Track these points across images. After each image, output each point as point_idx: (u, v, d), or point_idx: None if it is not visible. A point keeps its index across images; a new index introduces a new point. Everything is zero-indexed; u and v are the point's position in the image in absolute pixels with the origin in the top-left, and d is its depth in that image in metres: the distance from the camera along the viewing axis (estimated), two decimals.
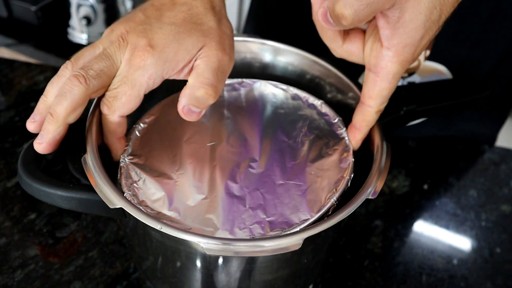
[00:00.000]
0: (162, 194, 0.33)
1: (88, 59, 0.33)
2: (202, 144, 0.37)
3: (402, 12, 0.29)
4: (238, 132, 0.39)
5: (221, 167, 0.35)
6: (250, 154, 0.37)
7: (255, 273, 0.31)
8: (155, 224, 0.27)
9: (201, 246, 0.26)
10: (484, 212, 0.53)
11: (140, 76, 0.32)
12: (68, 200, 0.30)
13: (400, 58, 0.31)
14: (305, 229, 0.27)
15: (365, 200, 0.30)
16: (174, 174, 0.35)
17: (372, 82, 0.33)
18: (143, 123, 0.39)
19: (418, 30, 0.30)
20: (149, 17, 0.34)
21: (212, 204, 0.32)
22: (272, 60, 0.46)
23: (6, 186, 0.51)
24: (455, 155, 0.60)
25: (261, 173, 0.35)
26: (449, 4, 0.30)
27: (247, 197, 0.33)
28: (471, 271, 0.47)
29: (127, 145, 0.36)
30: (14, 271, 0.43)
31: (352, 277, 0.45)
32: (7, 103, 0.62)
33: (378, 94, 0.34)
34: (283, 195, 0.33)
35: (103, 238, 0.46)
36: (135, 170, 0.35)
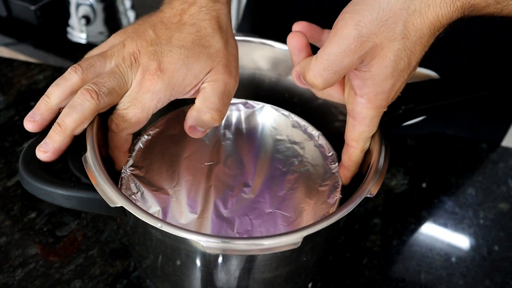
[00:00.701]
0: (157, 209, 0.35)
1: (98, 71, 0.34)
2: (200, 162, 0.39)
3: (368, 67, 0.31)
4: (236, 154, 0.41)
5: (216, 189, 0.37)
6: (244, 179, 0.38)
7: (255, 271, 0.31)
8: (155, 223, 0.27)
9: (201, 245, 0.26)
10: (482, 210, 0.53)
11: (150, 99, 0.33)
12: (68, 199, 0.31)
13: (373, 104, 0.33)
14: (305, 227, 0.27)
15: (364, 198, 0.30)
16: (171, 190, 0.37)
17: (351, 126, 0.35)
18: (147, 135, 0.40)
19: (387, 80, 0.31)
20: (160, 37, 0.35)
21: (202, 225, 0.34)
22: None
23: (6, 185, 0.51)
24: (453, 153, 0.60)
25: (252, 199, 0.37)
26: (417, 52, 0.31)
27: (236, 221, 0.35)
28: (469, 269, 0.47)
29: (129, 156, 0.38)
30: (15, 270, 0.43)
31: (351, 275, 0.46)
32: (7, 102, 0.62)
33: (359, 137, 0.35)
34: (270, 223, 0.35)
35: (103, 237, 0.47)
36: (135, 182, 0.36)
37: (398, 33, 0.29)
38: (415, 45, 0.30)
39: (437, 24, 0.29)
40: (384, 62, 0.30)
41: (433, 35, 0.30)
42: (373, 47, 0.29)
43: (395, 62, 0.30)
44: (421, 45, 0.30)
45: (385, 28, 0.29)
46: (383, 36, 0.29)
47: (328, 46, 0.30)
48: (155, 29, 0.35)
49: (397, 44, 0.29)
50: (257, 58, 0.47)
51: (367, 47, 0.29)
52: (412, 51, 0.30)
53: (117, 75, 0.33)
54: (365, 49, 0.29)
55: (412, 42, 0.30)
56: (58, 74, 0.67)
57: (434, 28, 0.30)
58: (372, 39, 0.29)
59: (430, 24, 0.29)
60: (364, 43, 0.29)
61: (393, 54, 0.30)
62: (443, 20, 0.29)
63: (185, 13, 0.36)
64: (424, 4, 0.29)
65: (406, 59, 0.30)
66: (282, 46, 0.45)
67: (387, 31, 0.29)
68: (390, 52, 0.29)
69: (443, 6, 0.29)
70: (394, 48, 0.29)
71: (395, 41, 0.29)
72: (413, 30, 0.29)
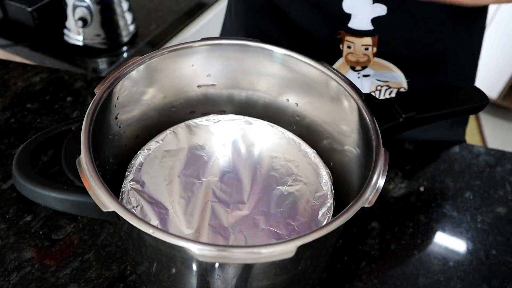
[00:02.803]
0: (156, 223, 0.36)
1: None
2: (198, 178, 0.40)
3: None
4: (232, 171, 0.42)
5: (212, 205, 0.38)
6: (240, 195, 0.39)
7: (252, 279, 0.31)
8: (147, 229, 0.27)
9: (194, 252, 0.26)
10: (480, 214, 0.53)
11: None
12: (61, 202, 0.30)
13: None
14: (299, 237, 0.27)
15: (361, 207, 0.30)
16: (169, 205, 0.38)
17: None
18: (147, 149, 0.42)
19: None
20: None
21: (198, 240, 0.35)
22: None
23: (1, 188, 0.51)
24: (451, 157, 0.60)
25: (247, 216, 0.38)
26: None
27: (231, 237, 0.36)
28: (467, 273, 0.47)
29: (130, 170, 0.40)
30: (10, 274, 0.43)
31: (349, 279, 0.45)
32: (3, 104, 0.62)
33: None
34: (263, 240, 0.36)
35: (99, 240, 0.46)
36: (135, 196, 0.37)
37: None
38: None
39: None
40: None
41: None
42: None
43: None
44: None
45: None
46: None
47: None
48: None
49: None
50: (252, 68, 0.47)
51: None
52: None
53: None
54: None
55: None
56: (55, 76, 0.67)
57: None
58: None
59: None
60: None
61: None
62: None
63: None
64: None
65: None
66: (282, 50, 0.44)
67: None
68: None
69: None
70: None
71: None
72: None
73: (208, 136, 0.45)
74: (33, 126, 0.59)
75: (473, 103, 0.44)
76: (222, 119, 0.46)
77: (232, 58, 0.46)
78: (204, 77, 0.47)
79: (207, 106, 0.50)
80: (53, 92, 0.65)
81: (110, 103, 0.39)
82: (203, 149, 0.43)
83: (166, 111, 0.47)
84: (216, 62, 0.47)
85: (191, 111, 0.49)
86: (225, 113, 0.50)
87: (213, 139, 0.44)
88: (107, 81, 0.38)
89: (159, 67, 0.43)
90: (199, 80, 0.47)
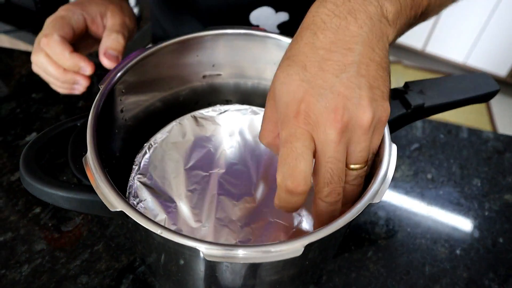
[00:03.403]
0: (163, 217, 0.36)
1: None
2: (205, 170, 0.40)
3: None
4: (239, 162, 0.41)
5: (220, 197, 0.38)
6: (247, 188, 0.39)
7: (261, 273, 0.31)
8: (155, 229, 0.27)
9: (201, 252, 0.26)
10: (488, 202, 0.53)
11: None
12: (69, 201, 0.30)
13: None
14: (306, 235, 0.27)
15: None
16: (176, 198, 0.37)
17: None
18: (154, 142, 0.41)
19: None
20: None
21: (206, 233, 0.35)
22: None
23: (10, 180, 0.51)
24: (458, 143, 0.60)
25: (254, 208, 0.37)
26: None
27: (238, 230, 0.36)
28: (473, 261, 0.47)
29: (137, 163, 0.39)
30: (22, 266, 0.43)
31: (355, 268, 0.46)
32: (8, 93, 0.62)
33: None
34: (271, 232, 0.36)
35: (108, 232, 0.47)
36: (142, 189, 0.37)
37: None
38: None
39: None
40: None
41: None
42: None
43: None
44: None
45: None
46: None
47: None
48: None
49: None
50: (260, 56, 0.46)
51: None
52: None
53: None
54: None
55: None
56: None
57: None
58: None
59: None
60: None
61: None
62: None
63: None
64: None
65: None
66: (288, 39, 0.43)
67: None
68: None
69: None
70: None
71: None
72: None
73: (214, 127, 0.44)
74: (39, 116, 0.59)
75: (483, 91, 0.43)
76: (228, 109, 0.46)
77: (238, 47, 0.46)
78: (209, 67, 0.47)
79: (213, 96, 0.49)
80: None
81: (115, 97, 0.38)
82: (209, 140, 0.43)
83: (172, 102, 0.47)
84: (221, 52, 0.46)
85: (196, 101, 0.49)
86: (231, 102, 0.50)
87: (219, 130, 0.44)
88: (111, 75, 0.38)
89: (164, 59, 0.43)
90: (204, 70, 0.47)
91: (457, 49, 2.00)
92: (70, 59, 0.45)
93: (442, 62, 2.10)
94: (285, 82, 0.29)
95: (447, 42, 1.99)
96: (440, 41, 2.00)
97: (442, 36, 1.98)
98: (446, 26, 1.93)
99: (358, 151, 0.29)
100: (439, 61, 2.10)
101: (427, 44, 2.04)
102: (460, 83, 0.42)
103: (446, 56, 2.05)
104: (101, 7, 0.49)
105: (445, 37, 1.97)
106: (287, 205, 0.30)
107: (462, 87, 0.42)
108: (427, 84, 0.40)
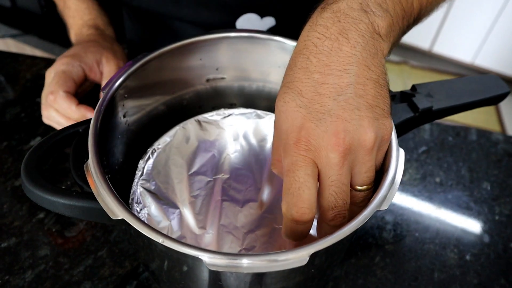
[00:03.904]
0: (167, 223, 0.35)
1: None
2: (209, 175, 0.40)
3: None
4: (244, 167, 0.41)
5: (224, 204, 0.37)
6: (252, 193, 0.38)
7: (266, 281, 0.31)
8: (157, 238, 0.26)
9: (204, 261, 0.26)
10: (498, 206, 0.52)
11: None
12: (70, 208, 0.30)
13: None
14: (313, 244, 0.26)
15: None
16: (180, 204, 0.37)
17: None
18: (157, 147, 0.41)
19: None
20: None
21: (210, 240, 0.35)
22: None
23: (14, 185, 0.51)
24: (467, 145, 0.58)
25: (259, 215, 0.37)
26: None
27: (243, 237, 0.35)
28: (484, 267, 0.46)
29: (140, 168, 0.39)
30: (25, 272, 0.43)
31: (363, 274, 0.45)
32: (13, 98, 0.62)
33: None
34: (276, 239, 0.35)
35: (112, 237, 0.46)
36: (145, 195, 0.37)
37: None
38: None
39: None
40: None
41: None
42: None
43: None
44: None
45: None
46: None
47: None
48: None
49: None
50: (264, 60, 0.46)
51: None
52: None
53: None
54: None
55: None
56: None
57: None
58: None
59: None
60: None
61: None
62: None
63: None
64: None
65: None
66: (293, 42, 0.43)
67: None
68: None
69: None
70: None
71: None
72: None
73: (218, 132, 0.44)
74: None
75: (493, 93, 0.42)
76: (232, 113, 0.45)
77: (241, 50, 0.45)
78: (213, 71, 0.46)
79: (217, 99, 0.49)
80: None
81: (117, 102, 0.38)
82: (213, 145, 0.43)
83: (176, 105, 0.46)
84: (225, 55, 0.45)
85: (200, 104, 0.48)
86: (235, 106, 0.49)
87: (223, 135, 0.44)
88: (113, 80, 0.37)
89: (167, 63, 0.42)
90: (208, 73, 0.46)
91: (464, 49, 1.98)
92: (77, 112, 0.47)
93: (450, 62, 2.08)
94: (282, 110, 0.29)
95: (454, 42, 1.97)
96: (447, 41, 1.98)
97: (449, 36, 1.96)
98: (453, 25, 1.91)
99: (364, 172, 0.29)
100: (447, 61, 2.08)
101: (434, 44, 2.02)
102: (469, 86, 0.41)
103: (454, 56, 2.03)
104: (96, 55, 0.51)
105: (452, 37, 1.95)
106: (294, 235, 0.30)
107: (471, 89, 0.41)
108: (435, 87, 0.40)
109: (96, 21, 0.57)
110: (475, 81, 0.42)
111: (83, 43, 0.53)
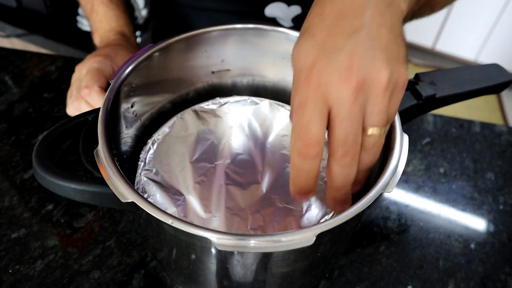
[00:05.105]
0: (174, 210, 0.36)
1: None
2: (211, 162, 0.40)
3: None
4: (244, 152, 0.41)
5: (227, 188, 0.38)
6: (254, 176, 0.39)
7: (272, 265, 0.31)
8: (166, 219, 0.27)
9: (213, 242, 0.26)
10: (502, 195, 0.52)
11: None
12: (81, 193, 0.31)
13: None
14: (319, 224, 0.27)
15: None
16: (185, 191, 0.37)
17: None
18: (157, 138, 0.41)
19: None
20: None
21: (217, 223, 0.35)
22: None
23: (23, 177, 0.52)
24: (471, 137, 0.59)
25: (263, 195, 0.37)
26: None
27: (249, 218, 0.36)
28: (489, 255, 0.46)
29: (142, 159, 0.39)
30: (35, 261, 0.44)
31: (368, 263, 0.45)
32: (20, 94, 0.63)
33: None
34: (281, 218, 0.36)
35: (119, 228, 0.47)
36: (150, 185, 0.37)
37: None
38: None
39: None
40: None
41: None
42: None
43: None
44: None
45: None
46: None
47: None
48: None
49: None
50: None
51: None
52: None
53: None
54: None
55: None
56: (70, 64, 0.67)
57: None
58: None
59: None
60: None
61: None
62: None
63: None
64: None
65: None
66: (298, 33, 0.43)
67: None
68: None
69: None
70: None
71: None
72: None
73: (216, 120, 0.44)
74: (51, 116, 0.59)
75: (496, 81, 0.43)
76: (227, 101, 0.46)
77: (247, 43, 0.46)
78: (218, 63, 0.47)
79: (222, 90, 0.49)
80: (69, 81, 0.65)
81: (125, 92, 0.39)
82: (212, 133, 0.43)
83: (181, 97, 0.47)
84: (230, 47, 0.46)
85: (206, 95, 0.49)
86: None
87: (221, 122, 0.44)
88: (121, 70, 0.38)
89: (173, 55, 0.43)
90: (213, 65, 0.47)
91: (467, 46, 1.98)
92: None
93: (453, 60, 2.08)
94: (296, 53, 0.29)
95: (457, 40, 1.97)
96: (450, 38, 1.98)
97: (452, 34, 1.96)
98: (456, 23, 1.91)
99: (376, 112, 0.28)
100: (450, 59, 2.08)
101: (437, 41, 2.02)
102: (472, 74, 0.41)
103: (457, 53, 2.03)
104: (125, 58, 0.53)
105: (455, 34, 1.95)
106: (300, 177, 0.29)
107: (474, 77, 0.41)
108: (438, 75, 0.40)
109: (123, 28, 0.60)
110: (478, 70, 0.42)
111: (112, 46, 0.55)
